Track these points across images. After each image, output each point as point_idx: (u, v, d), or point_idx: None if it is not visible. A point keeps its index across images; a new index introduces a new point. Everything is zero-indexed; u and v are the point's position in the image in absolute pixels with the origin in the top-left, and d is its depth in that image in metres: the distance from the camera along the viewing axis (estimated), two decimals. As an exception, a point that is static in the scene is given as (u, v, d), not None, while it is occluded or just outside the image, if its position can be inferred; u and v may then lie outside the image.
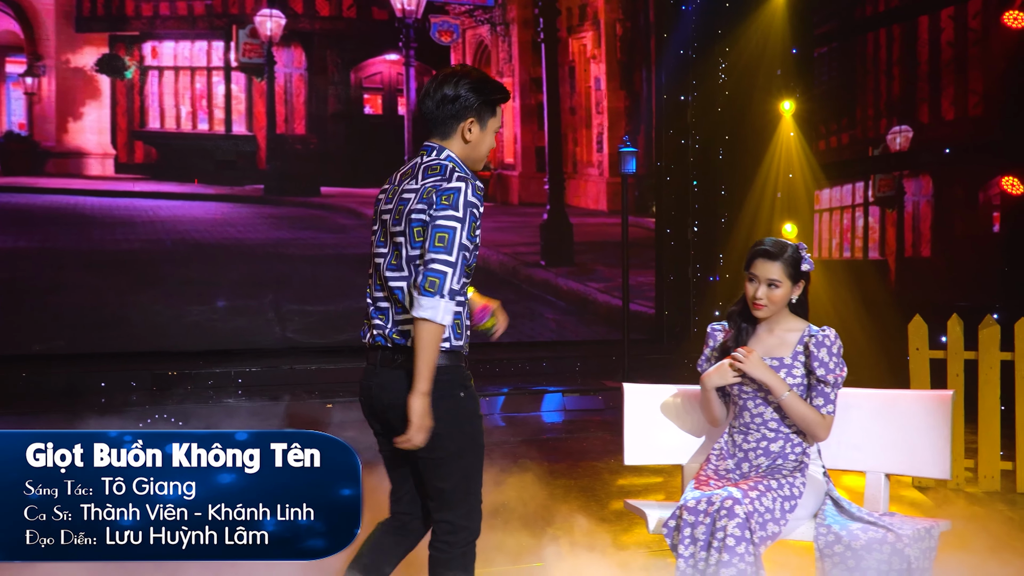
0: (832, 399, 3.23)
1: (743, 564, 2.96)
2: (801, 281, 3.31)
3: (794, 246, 3.29)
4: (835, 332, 3.30)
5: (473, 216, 2.77)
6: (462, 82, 2.83)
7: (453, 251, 2.73)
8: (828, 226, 10.40)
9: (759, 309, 3.27)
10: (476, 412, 2.89)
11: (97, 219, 9.60)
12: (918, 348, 5.60)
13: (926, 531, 3.16)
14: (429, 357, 2.71)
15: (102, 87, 9.63)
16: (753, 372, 3.19)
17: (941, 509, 5.02)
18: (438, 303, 2.71)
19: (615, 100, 11.06)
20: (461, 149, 2.86)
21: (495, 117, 2.89)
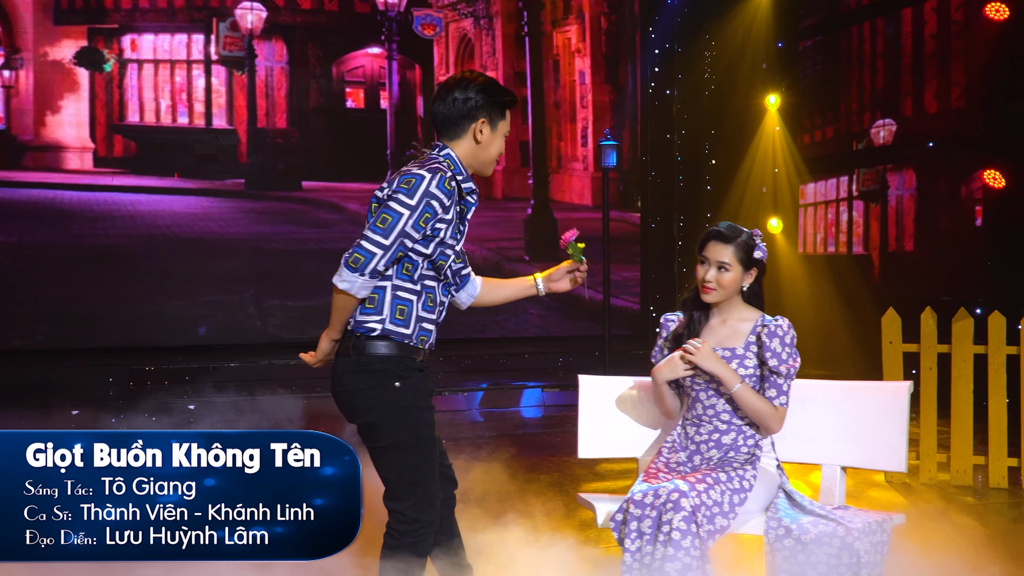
0: (785, 390, 3.17)
1: (688, 558, 2.90)
2: (753, 269, 3.24)
3: (749, 232, 3.23)
4: (788, 322, 3.24)
5: (429, 207, 2.75)
6: (472, 85, 2.86)
7: (390, 235, 2.74)
8: (812, 221, 10.35)
9: (708, 293, 3.21)
10: (417, 404, 2.86)
11: (76, 213, 9.54)
12: (891, 341, 5.54)
13: (878, 524, 3.10)
14: (338, 316, 2.85)
15: (81, 80, 9.57)
16: (704, 364, 3.13)
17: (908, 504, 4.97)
18: (356, 280, 2.76)
19: (600, 94, 10.99)
20: (470, 150, 2.89)
21: (504, 120, 2.93)
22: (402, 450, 2.83)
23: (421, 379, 2.89)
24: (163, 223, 9.76)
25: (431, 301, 2.90)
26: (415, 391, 2.86)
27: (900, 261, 9.13)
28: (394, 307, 2.84)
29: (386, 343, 2.83)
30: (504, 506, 3.60)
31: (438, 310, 2.95)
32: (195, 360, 8.84)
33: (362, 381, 2.82)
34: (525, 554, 3.24)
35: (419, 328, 2.88)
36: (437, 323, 2.96)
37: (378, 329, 2.82)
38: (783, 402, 3.16)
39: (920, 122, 8.88)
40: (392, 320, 2.84)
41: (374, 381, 2.81)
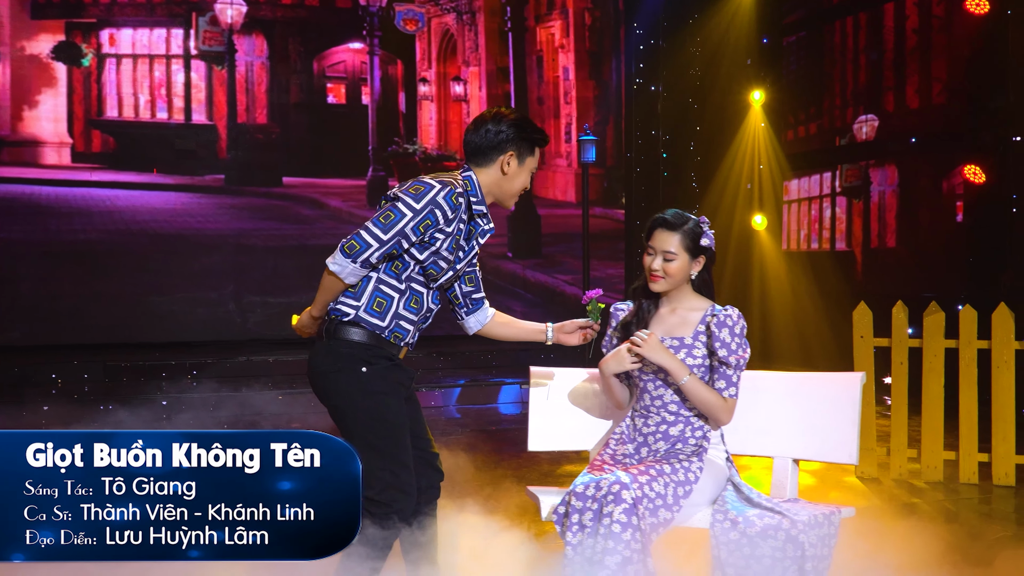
0: (734, 382, 3.11)
1: (628, 551, 2.84)
2: (701, 256, 3.18)
3: (696, 220, 3.18)
4: (739, 312, 3.18)
5: (431, 215, 2.85)
6: (505, 119, 2.99)
7: (389, 232, 2.85)
8: (796, 217, 10.29)
9: (655, 281, 3.16)
10: (383, 390, 2.91)
11: (53, 209, 9.47)
12: (862, 336, 5.48)
13: (824, 517, 3.04)
14: (323, 296, 2.93)
15: (58, 75, 9.50)
16: (652, 356, 3.07)
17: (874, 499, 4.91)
18: (347, 265, 2.86)
19: (584, 90, 10.93)
20: (495, 179, 3.00)
21: (533, 157, 3.04)
22: (365, 434, 2.88)
23: (390, 368, 2.94)
24: (142, 219, 9.69)
25: (416, 303, 2.98)
26: (382, 378, 2.92)
27: (882, 257, 9.08)
28: (372, 298, 2.93)
29: (357, 330, 2.91)
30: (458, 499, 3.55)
31: (423, 314, 3.02)
32: (173, 356, 8.77)
33: (331, 364, 2.91)
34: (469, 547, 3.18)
35: (396, 324, 2.95)
36: (418, 325, 3.02)
37: (351, 315, 2.92)
38: (732, 393, 3.11)
39: (902, 118, 8.83)
40: (367, 309, 2.92)
41: (342, 364, 2.89)
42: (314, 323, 3.02)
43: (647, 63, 10.85)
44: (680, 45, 10.75)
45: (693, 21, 10.64)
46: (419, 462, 3.04)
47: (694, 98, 10.85)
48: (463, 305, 3.20)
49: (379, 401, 2.90)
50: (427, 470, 3.07)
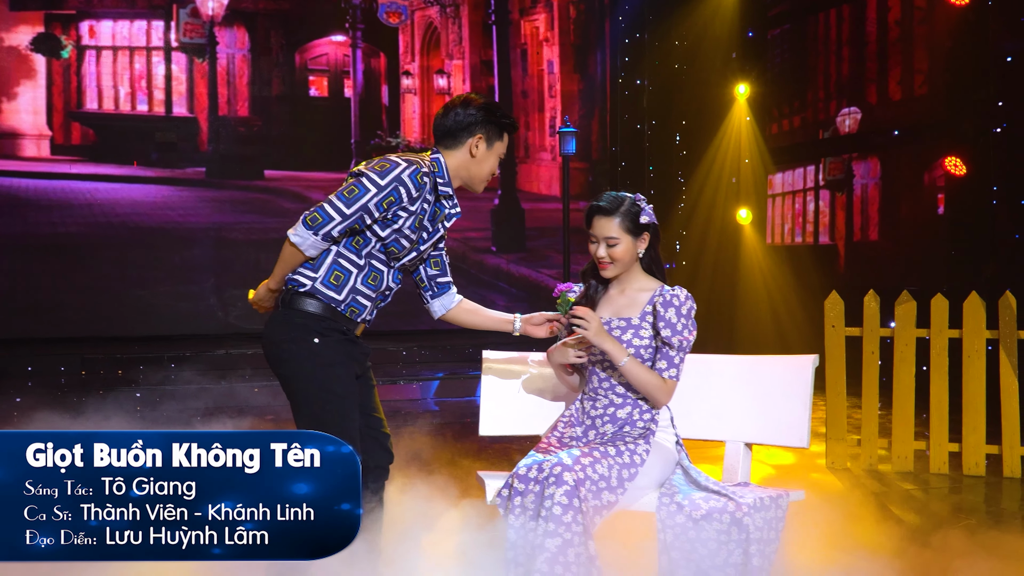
0: (676, 363, 3.06)
1: (569, 534, 2.78)
2: (644, 234, 3.13)
3: (632, 199, 3.12)
4: (687, 293, 3.13)
5: (395, 192, 2.84)
6: (474, 103, 3.01)
7: (352, 206, 2.83)
8: (780, 211, 10.24)
9: (605, 268, 3.12)
10: (332, 361, 2.90)
11: (32, 201, 9.43)
12: (833, 325, 5.43)
13: (772, 500, 2.99)
14: (281, 267, 2.91)
15: (37, 67, 9.45)
16: (592, 339, 3.02)
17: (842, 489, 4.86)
18: (308, 237, 2.84)
19: (568, 83, 10.88)
20: (464, 162, 2.99)
21: (502, 142, 3.05)
22: (311, 404, 2.88)
23: (342, 341, 2.93)
24: (122, 212, 9.64)
25: (374, 279, 2.96)
26: (332, 349, 2.90)
27: (865, 251, 9.04)
28: (331, 271, 2.91)
29: (312, 301, 2.90)
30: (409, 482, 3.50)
31: (381, 291, 2.99)
32: (153, 350, 8.72)
33: (284, 333, 2.89)
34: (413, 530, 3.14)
35: (353, 299, 2.93)
36: (376, 302, 3.00)
37: (307, 286, 2.90)
38: (673, 375, 3.05)
39: (884, 110, 8.78)
40: (324, 282, 2.91)
41: (294, 334, 2.87)
42: (271, 296, 3.00)
43: (632, 57, 10.82)
44: (665, 38, 10.71)
45: (678, 14, 10.60)
46: (369, 441, 3.02)
47: (679, 92, 10.81)
48: (428, 288, 3.19)
49: (328, 373, 2.88)
50: (377, 450, 3.04)
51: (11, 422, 6.51)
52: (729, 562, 2.90)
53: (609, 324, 3.11)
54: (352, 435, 2.89)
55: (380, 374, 9.02)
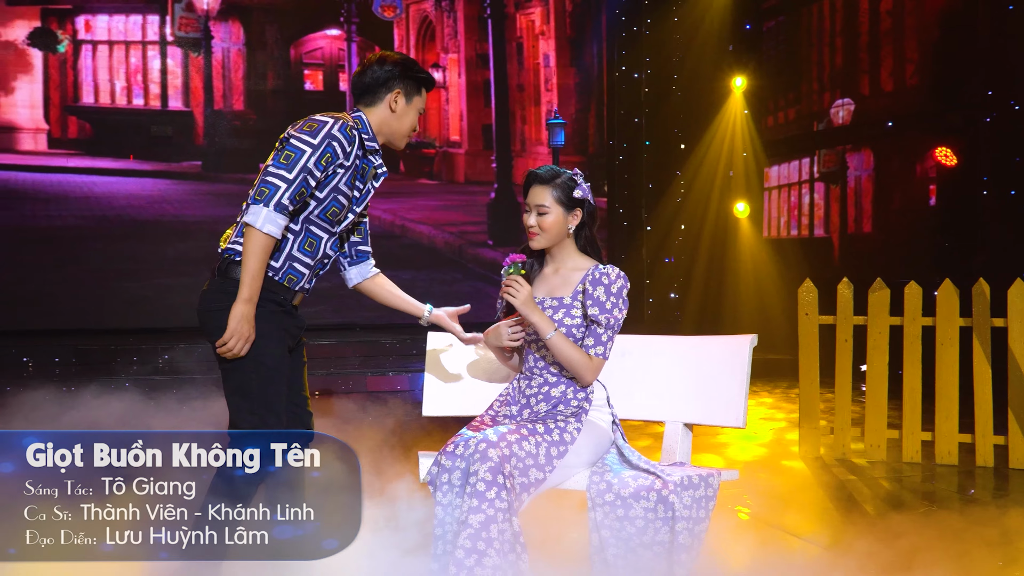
0: (604, 341, 3.04)
1: (492, 510, 2.77)
2: (577, 209, 3.10)
3: (569, 173, 3.10)
4: (619, 272, 3.10)
5: (331, 148, 2.83)
6: (389, 59, 2.99)
7: (294, 170, 2.80)
8: (777, 204, 10.18)
9: (532, 238, 3.09)
10: (264, 334, 2.84)
11: (29, 194, 9.52)
12: (807, 313, 5.39)
13: (700, 479, 2.97)
14: (250, 264, 2.77)
15: (34, 61, 9.54)
16: (520, 308, 3.00)
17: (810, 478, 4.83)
18: (261, 211, 2.77)
19: (565, 77, 10.87)
20: (384, 118, 2.98)
21: (420, 97, 3.03)
22: (239, 372, 2.84)
23: (277, 312, 2.90)
24: (118, 205, 9.72)
25: (311, 246, 2.93)
26: (267, 321, 2.85)
27: (859, 243, 8.96)
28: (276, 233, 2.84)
29: None
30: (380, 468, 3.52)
31: (318, 258, 2.97)
32: (146, 341, 8.79)
33: (218, 302, 2.85)
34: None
35: (289, 266, 2.91)
36: (314, 269, 2.98)
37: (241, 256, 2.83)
38: (600, 352, 3.03)
39: (877, 100, 8.71)
40: None
41: (228, 303, 2.81)
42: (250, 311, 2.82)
43: (629, 50, 10.78)
44: (661, 31, 10.67)
45: (674, 7, 10.57)
46: (291, 418, 3.01)
47: (678, 86, 10.77)
48: (347, 255, 3.20)
49: (258, 344, 2.84)
50: (298, 427, 3.04)
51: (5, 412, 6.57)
52: (656, 540, 2.88)
53: (542, 304, 3.10)
54: (276, 407, 2.89)
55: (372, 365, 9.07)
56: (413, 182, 10.46)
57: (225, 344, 2.79)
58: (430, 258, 10.43)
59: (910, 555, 3.34)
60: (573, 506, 3.07)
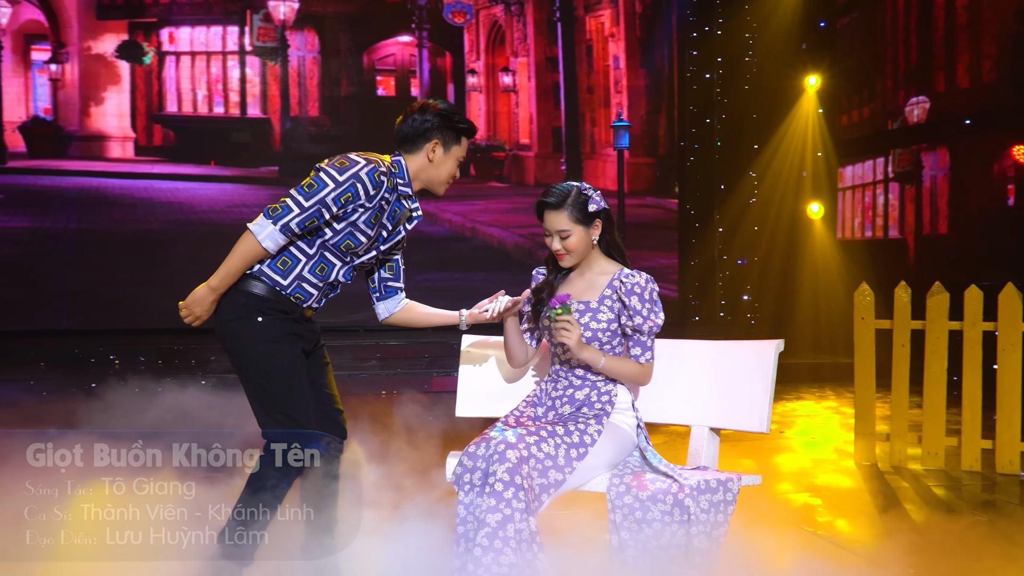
0: (649, 346, 3.11)
1: (509, 510, 2.83)
2: (596, 221, 3.16)
3: (578, 189, 3.14)
4: (648, 276, 3.15)
5: (352, 189, 2.92)
6: (430, 109, 3.08)
7: (312, 199, 2.91)
8: (851, 205, 9.96)
9: (562, 259, 3.17)
10: (274, 337, 2.96)
11: (118, 200, 9.97)
12: (863, 317, 5.30)
13: (719, 483, 2.98)
14: (232, 263, 2.93)
15: (122, 73, 10.00)
16: (573, 349, 3.03)
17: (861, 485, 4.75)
18: (267, 226, 2.91)
19: (635, 78, 10.84)
20: (422, 166, 3.08)
21: (459, 146, 3.11)
22: (260, 380, 2.95)
23: (285, 320, 2.99)
24: (200, 209, 10.10)
25: (322, 271, 3.03)
26: (276, 327, 2.97)
27: (934, 245, 8.72)
28: (278, 257, 2.99)
29: (257, 283, 2.98)
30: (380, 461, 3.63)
31: (329, 283, 3.06)
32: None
33: (229, 312, 2.97)
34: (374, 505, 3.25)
35: (298, 286, 3.00)
36: (324, 291, 3.07)
37: (254, 268, 2.98)
38: (648, 358, 3.11)
39: (953, 98, 8.46)
40: (271, 265, 2.99)
41: (239, 313, 2.95)
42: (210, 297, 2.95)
43: (701, 50, 10.69)
44: (734, 31, 10.55)
45: (747, 6, 10.44)
46: (322, 418, 3.11)
47: (751, 85, 10.63)
48: (376, 290, 3.27)
49: (272, 348, 2.95)
50: (328, 425, 3.13)
51: (92, 408, 6.86)
52: (672, 543, 2.91)
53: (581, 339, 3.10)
54: (301, 406, 2.99)
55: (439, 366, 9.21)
56: (483, 185, 10.59)
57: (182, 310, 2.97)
58: (500, 260, 10.54)
59: (960, 571, 3.27)
60: (594, 507, 3.12)
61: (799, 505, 4.25)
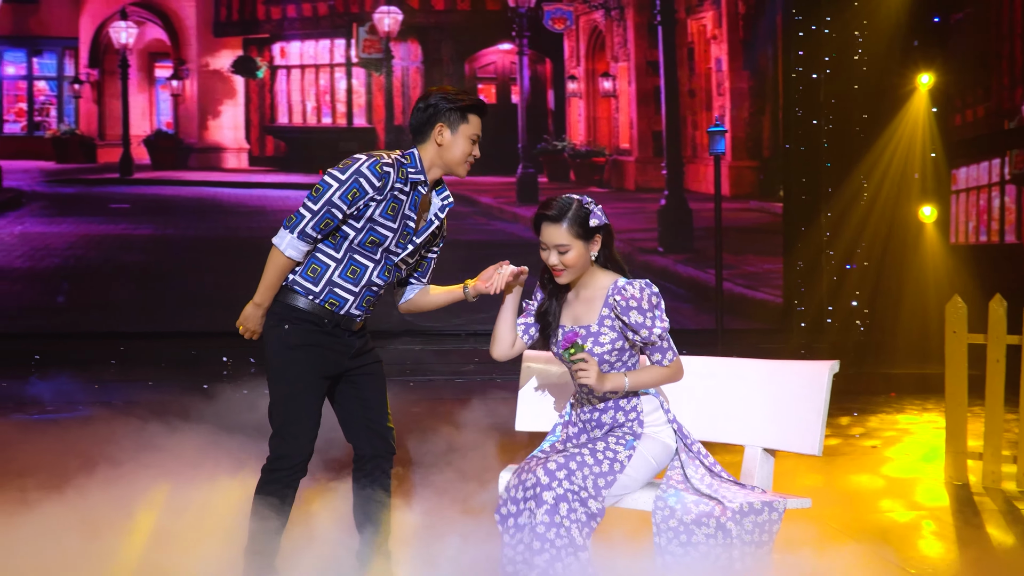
0: (666, 347, 3.03)
1: (554, 549, 2.84)
2: (596, 236, 3.05)
3: (579, 202, 3.03)
4: (643, 283, 3.03)
5: (357, 184, 3.00)
6: (431, 95, 3.12)
7: (319, 202, 3.02)
8: (964, 208, 9.55)
9: (559, 276, 3.06)
10: (295, 346, 3.06)
11: (232, 208, 10.47)
12: (955, 331, 5.11)
13: (764, 504, 2.96)
14: (267, 278, 3.08)
15: (237, 87, 10.49)
16: (594, 386, 2.98)
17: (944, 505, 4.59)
18: (286, 236, 3.05)
19: (737, 81, 10.67)
20: (435, 152, 3.11)
21: (468, 124, 3.11)
22: (274, 383, 3.09)
23: (312, 332, 3.07)
24: (309, 216, 10.49)
25: (353, 273, 3.09)
26: (299, 337, 3.06)
27: (1054, 250, 8.29)
28: (308, 265, 3.09)
29: (290, 293, 3.09)
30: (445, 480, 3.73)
31: (363, 285, 3.10)
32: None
33: (269, 321, 3.12)
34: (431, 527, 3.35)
35: (330, 291, 3.08)
36: (360, 296, 3.11)
37: (289, 279, 3.11)
38: (671, 357, 3.04)
39: (1073, 96, 8.02)
40: (302, 275, 3.09)
41: (273, 322, 3.09)
42: (257, 313, 3.10)
43: (807, 50, 10.44)
44: (842, 29, 10.26)
45: (856, 2, 10.13)
46: (366, 432, 3.20)
47: (861, 85, 10.33)
48: (401, 283, 3.31)
49: (289, 356, 3.05)
50: (373, 439, 3.21)
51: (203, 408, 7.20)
52: (717, 565, 2.91)
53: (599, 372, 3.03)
54: (297, 418, 3.06)
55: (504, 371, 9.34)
56: (584, 190, 10.62)
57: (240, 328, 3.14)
58: (600, 265, 10.55)
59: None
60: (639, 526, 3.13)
61: (877, 524, 4.15)
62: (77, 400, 7.60)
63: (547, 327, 3.16)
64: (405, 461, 4.31)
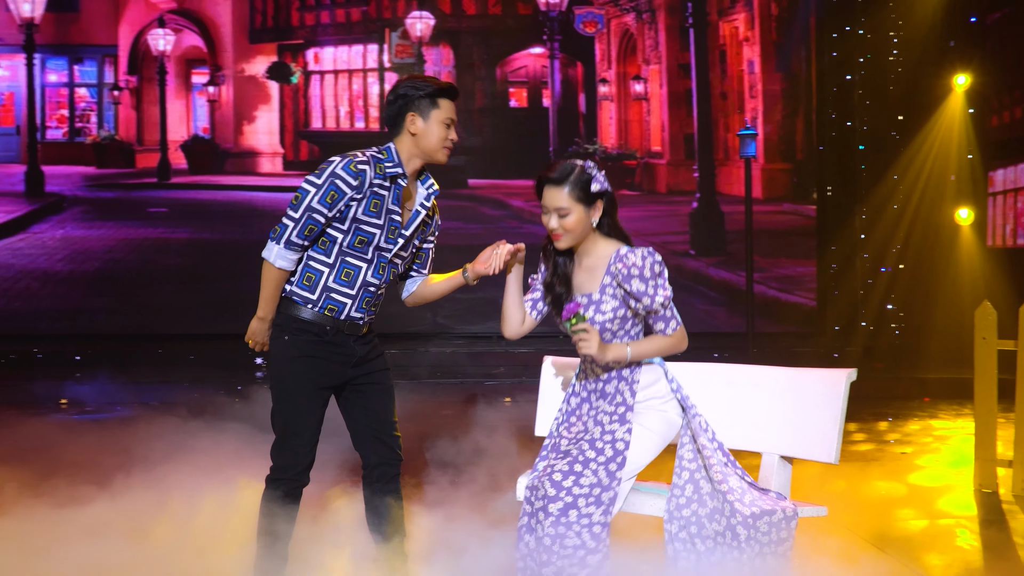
0: (670, 316, 3.00)
1: (564, 561, 2.87)
2: (598, 202, 3.01)
3: (580, 165, 3.01)
4: (644, 252, 2.96)
5: (334, 186, 3.02)
6: (399, 86, 3.15)
7: (299, 209, 3.05)
8: (1002, 210, 9.42)
9: (558, 240, 3.02)
10: (293, 357, 3.09)
11: (268, 212, 10.60)
12: (984, 337, 5.06)
13: (782, 512, 2.96)
14: (264, 291, 3.13)
15: (272, 92, 10.64)
16: (596, 355, 2.97)
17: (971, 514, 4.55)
18: (273, 247, 3.09)
19: (770, 83, 10.61)
20: (411, 142, 3.13)
21: (439, 109, 3.11)
22: (274, 393, 3.14)
23: (312, 341, 3.09)
24: (342, 220, 10.61)
25: (347, 276, 3.10)
26: (298, 347, 3.09)
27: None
28: (302, 274, 3.12)
29: (291, 303, 3.13)
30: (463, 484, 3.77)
31: (359, 287, 3.12)
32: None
33: (272, 331, 3.16)
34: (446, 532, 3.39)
35: (327, 297, 3.10)
36: (358, 298, 3.13)
37: (287, 291, 3.14)
38: (674, 327, 3.02)
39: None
40: (298, 284, 3.13)
41: (275, 333, 3.15)
42: (261, 326, 3.14)
43: (841, 51, 10.36)
44: (877, 29, 10.17)
45: (892, 3, 10.04)
46: (372, 441, 3.22)
47: (896, 87, 10.22)
48: (402, 276, 3.33)
49: (286, 366, 3.09)
50: (379, 447, 3.22)
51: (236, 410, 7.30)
52: (725, 561, 2.91)
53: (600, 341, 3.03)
54: (292, 426, 3.10)
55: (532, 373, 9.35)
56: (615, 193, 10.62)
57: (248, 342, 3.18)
58: (632, 268, 10.55)
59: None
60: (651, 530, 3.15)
61: (901, 532, 4.13)
62: (117, 400, 7.76)
63: (558, 298, 3.11)
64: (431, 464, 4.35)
